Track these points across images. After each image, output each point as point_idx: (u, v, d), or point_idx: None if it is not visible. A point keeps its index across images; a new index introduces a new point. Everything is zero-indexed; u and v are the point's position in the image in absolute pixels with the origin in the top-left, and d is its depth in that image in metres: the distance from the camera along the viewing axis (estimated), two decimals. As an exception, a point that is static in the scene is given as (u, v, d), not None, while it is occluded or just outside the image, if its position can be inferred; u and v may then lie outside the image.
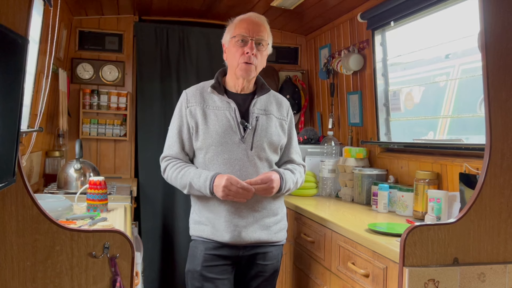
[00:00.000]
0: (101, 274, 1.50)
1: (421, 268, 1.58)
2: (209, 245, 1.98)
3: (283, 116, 2.11)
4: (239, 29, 1.96)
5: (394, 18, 2.80)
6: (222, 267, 1.99)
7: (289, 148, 2.15)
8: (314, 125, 4.04)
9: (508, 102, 1.63)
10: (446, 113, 2.82)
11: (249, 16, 2.00)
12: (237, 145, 1.96)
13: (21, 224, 1.43)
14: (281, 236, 2.09)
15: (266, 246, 2.04)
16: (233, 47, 1.97)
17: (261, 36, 1.96)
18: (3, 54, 1.20)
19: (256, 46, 1.95)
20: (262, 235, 2.00)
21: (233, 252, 1.99)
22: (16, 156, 1.36)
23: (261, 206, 2.00)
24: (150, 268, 3.64)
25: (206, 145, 1.97)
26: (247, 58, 1.94)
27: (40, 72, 2.67)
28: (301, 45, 4.18)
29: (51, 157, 3.25)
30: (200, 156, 2.01)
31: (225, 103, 2.01)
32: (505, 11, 1.62)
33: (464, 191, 2.13)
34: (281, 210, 2.11)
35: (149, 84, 3.73)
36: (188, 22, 3.86)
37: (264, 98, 2.07)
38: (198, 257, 1.99)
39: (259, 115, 2.02)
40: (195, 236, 2.05)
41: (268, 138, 2.01)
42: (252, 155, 1.97)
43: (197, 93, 2.05)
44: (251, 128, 1.98)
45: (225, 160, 1.95)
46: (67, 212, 2.03)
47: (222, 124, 1.97)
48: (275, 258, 2.08)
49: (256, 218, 1.99)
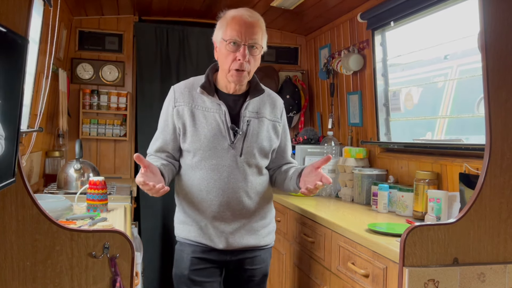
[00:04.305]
0: (101, 274, 1.50)
1: (421, 268, 1.58)
2: (196, 248, 1.93)
3: (276, 118, 2.00)
4: (231, 31, 1.81)
5: (394, 18, 2.80)
6: (210, 269, 1.94)
7: (285, 151, 2.07)
8: (314, 125, 4.04)
9: (508, 102, 1.63)
10: (444, 113, 2.82)
11: (242, 15, 1.83)
12: (226, 150, 1.87)
13: (21, 224, 1.43)
14: (269, 239, 2.03)
15: (255, 250, 1.98)
16: (224, 49, 1.84)
17: (254, 39, 1.82)
18: (3, 54, 1.20)
19: (249, 50, 1.82)
20: (250, 240, 1.94)
21: (221, 256, 1.94)
22: (16, 156, 1.36)
23: (247, 211, 1.92)
24: (150, 268, 3.64)
25: (193, 148, 1.88)
26: (239, 65, 1.81)
27: (40, 72, 2.67)
28: (301, 45, 4.18)
29: (51, 157, 3.25)
30: (188, 158, 1.93)
31: (215, 104, 1.90)
32: (505, 11, 1.62)
33: (464, 191, 2.13)
34: (269, 213, 2.04)
35: (149, 84, 3.73)
36: (188, 22, 3.86)
37: (257, 99, 1.96)
38: (185, 260, 1.93)
39: (250, 119, 1.91)
40: (181, 237, 1.98)
41: (259, 144, 1.92)
42: (242, 161, 1.88)
43: (185, 91, 1.93)
44: (241, 134, 1.88)
45: (213, 165, 1.87)
46: (67, 212, 2.03)
47: (211, 128, 1.87)
48: (264, 262, 2.02)
49: (242, 223, 1.92)
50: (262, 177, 1.98)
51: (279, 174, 2.04)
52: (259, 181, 1.96)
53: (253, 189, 1.93)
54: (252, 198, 1.93)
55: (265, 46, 1.91)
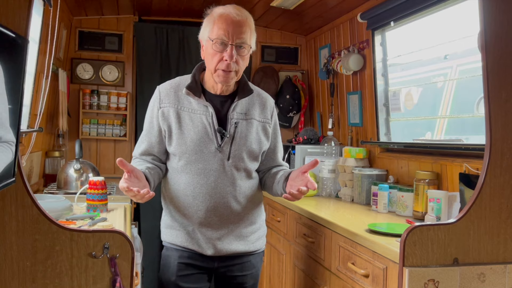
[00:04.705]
0: (101, 274, 1.50)
1: (421, 268, 1.58)
2: (183, 253, 1.87)
3: (266, 119, 1.92)
4: (217, 30, 1.74)
5: (394, 18, 2.80)
6: (197, 275, 1.88)
7: (276, 153, 1.99)
8: (314, 125, 4.05)
9: (508, 102, 1.63)
10: (443, 113, 2.82)
11: (229, 13, 1.75)
12: (213, 154, 1.80)
13: (21, 224, 1.43)
14: (259, 244, 1.96)
15: (244, 256, 1.91)
16: (210, 49, 1.76)
17: (242, 38, 1.74)
18: (3, 54, 1.20)
19: (236, 50, 1.74)
20: (238, 246, 1.88)
21: (209, 263, 1.88)
22: (16, 156, 1.36)
23: (236, 216, 1.85)
24: (150, 268, 3.64)
25: (179, 152, 1.81)
26: (226, 65, 1.74)
27: (40, 72, 2.67)
28: (301, 45, 4.18)
29: (51, 157, 3.25)
30: (174, 161, 1.86)
31: (202, 106, 1.82)
32: (505, 11, 1.62)
33: (464, 191, 2.13)
34: (259, 218, 1.96)
35: (149, 84, 3.73)
36: (188, 22, 3.86)
37: (246, 100, 1.88)
38: (172, 266, 1.87)
39: (238, 121, 1.83)
40: (168, 242, 1.93)
41: (248, 147, 1.84)
42: (229, 165, 1.81)
43: (171, 91, 1.86)
44: (228, 137, 1.81)
45: (199, 170, 1.80)
46: (67, 212, 2.03)
47: (197, 131, 1.80)
48: (255, 267, 1.96)
49: (230, 229, 1.85)
50: (252, 180, 1.91)
51: (268, 177, 1.97)
52: (248, 185, 1.89)
53: (242, 194, 1.86)
54: (241, 203, 1.87)
55: (253, 45, 1.83)
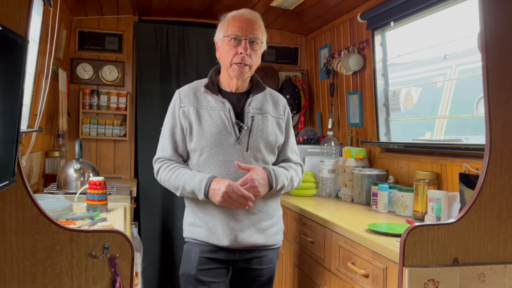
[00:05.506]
0: (101, 274, 1.50)
1: (421, 268, 1.58)
2: (204, 248, 1.94)
3: (279, 115, 2.04)
4: (232, 28, 1.89)
5: (394, 19, 2.80)
6: (217, 270, 1.95)
7: (285, 147, 2.08)
8: (314, 125, 4.04)
9: (508, 102, 1.63)
10: (443, 113, 2.82)
11: (242, 13, 1.92)
12: (232, 146, 1.91)
13: (20, 224, 1.43)
14: (277, 239, 2.04)
15: (262, 250, 1.99)
16: (226, 46, 1.91)
17: (255, 34, 1.90)
18: (3, 54, 1.20)
19: (250, 45, 1.88)
20: (258, 238, 1.95)
21: (229, 256, 1.95)
22: (16, 156, 1.36)
23: (256, 208, 1.94)
24: (150, 268, 3.64)
25: (200, 146, 1.92)
26: (241, 58, 1.87)
27: (40, 72, 2.67)
28: (301, 45, 4.18)
29: (51, 157, 3.25)
30: (194, 158, 1.96)
31: (219, 103, 1.95)
32: (505, 11, 1.62)
33: (464, 191, 2.13)
34: (276, 212, 2.05)
35: (149, 84, 3.73)
36: (188, 22, 3.86)
37: (259, 96, 2.01)
38: (193, 260, 1.94)
39: (254, 115, 1.96)
40: (189, 238, 2.00)
41: (265, 139, 1.96)
42: (248, 156, 1.92)
43: (190, 92, 1.99)
44: (246, 129, 1.92)
45: (220, 162, 1.90)
46: (67, 212, 2.02)
47: (216, 125, 1.91)
48: (271, 262, 2.03)
49: (252, 221, 1.94)
50: None
51: None
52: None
53: None
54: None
55: (265, 45, 1.98)
